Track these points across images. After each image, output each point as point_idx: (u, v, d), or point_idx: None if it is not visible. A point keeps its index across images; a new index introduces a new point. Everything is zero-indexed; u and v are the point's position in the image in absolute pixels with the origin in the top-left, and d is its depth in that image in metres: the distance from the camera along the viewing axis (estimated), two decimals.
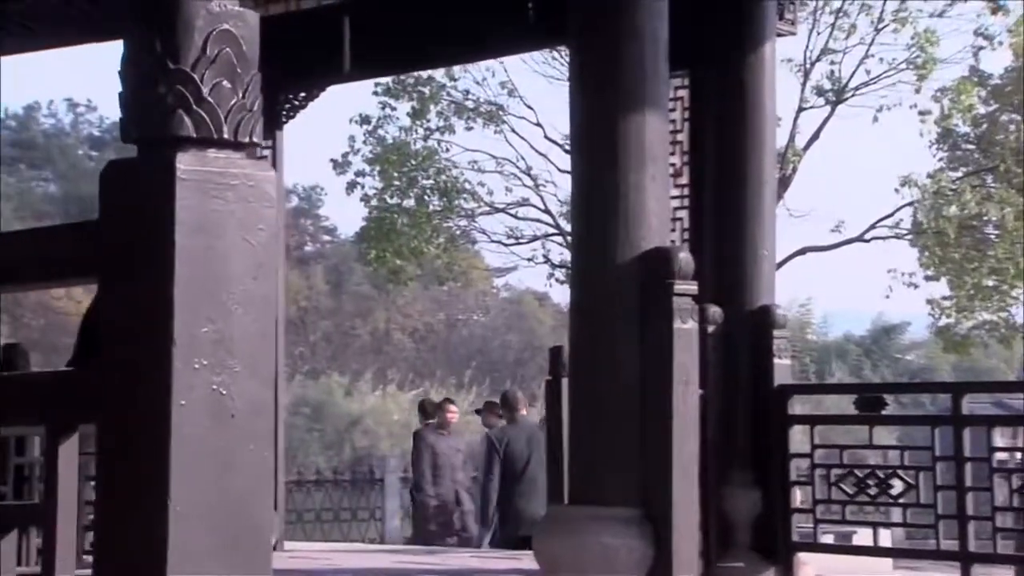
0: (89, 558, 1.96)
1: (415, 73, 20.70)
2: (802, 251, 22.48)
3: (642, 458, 6.44)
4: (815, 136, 22.06)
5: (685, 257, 6.55)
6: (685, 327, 6.45)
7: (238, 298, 1.93)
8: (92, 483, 2.04)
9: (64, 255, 2.01)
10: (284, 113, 10.42)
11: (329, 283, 45.60)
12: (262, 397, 1.95)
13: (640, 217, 6.44)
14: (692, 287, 6.58)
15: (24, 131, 55.83)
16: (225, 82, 1.96)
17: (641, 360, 6.44)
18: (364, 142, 21.91)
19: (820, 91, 21.81)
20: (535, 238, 22.55)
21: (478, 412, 16.55)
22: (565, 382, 7.55)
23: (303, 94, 10.39)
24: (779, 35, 9.18)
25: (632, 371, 6.46)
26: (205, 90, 1.93)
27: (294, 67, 10.14)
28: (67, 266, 2.02)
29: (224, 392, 1.91)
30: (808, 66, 21.70)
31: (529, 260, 22.82)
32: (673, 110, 8.53)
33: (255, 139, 2.00)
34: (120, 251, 1.91)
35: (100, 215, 1.94)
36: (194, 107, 1.93)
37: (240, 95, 1.98)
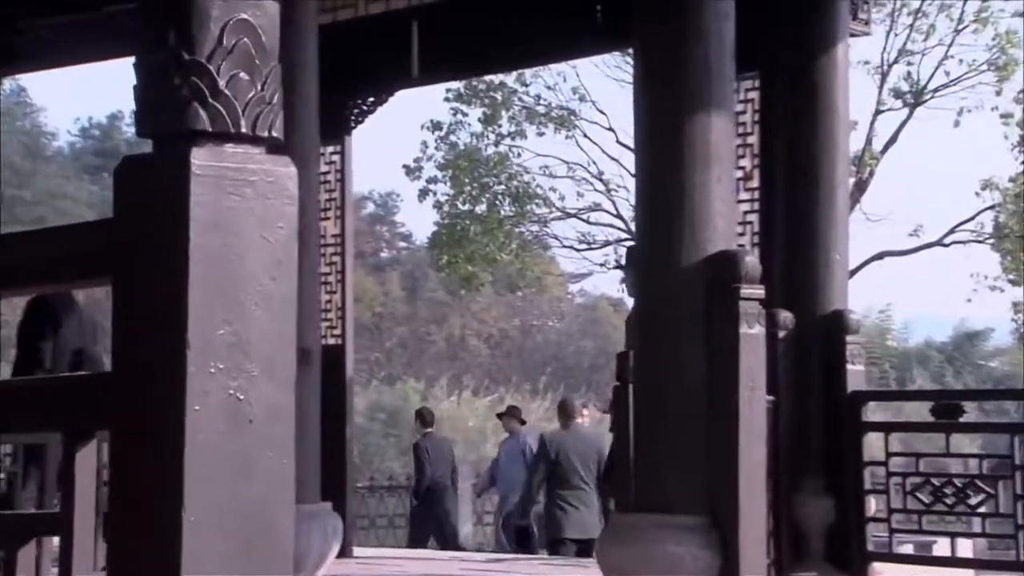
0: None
1: (486, 79, 20.70)
2: (879, 256, 22.20)
3: (708, 465, 6.32)
4: (892, 139, 21.78)
5: (751, 261, 6.42)
6: (751, 332, 6.32)
7: (255, 298, 1.85)
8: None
9: (78, 254, 1.94)
10: (352, 118, 10.39)
11: (405, 289, 45.72)
12: (281, 401, 1.87)
13: (705, 219, 6.32)
14: (759, 291, 6.45)
15: (108, 140, 56.50)
16: (243, 74, 1.88)
17: (707, 365, 6.33)
18: (436, 148, 21.93)
19: (898, 93, 21.52)
20: (607, 243, 22.43)
21: (499, 416, 16.73)
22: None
23: (371, 99, 10.37)
24: (852, 35, 9.02)
25: (697, 376, 6.35)
26: (221, 82, 1.85)
27: (362, 72, 10.13)
28: (81, 266, 1.95)
29: (241, 397, 1.83)
30: (885, 68, 21.41)
31: (602, 265, 22.73)
32: (743, 112, 8.42)
33: (274, 133, 1.91)
34: (133, 250, 1.83)
35: (114, 213, 1.87)
36: (210, 100, 1.85)
37: (259, 87, 1.90)
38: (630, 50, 12.64)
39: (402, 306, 45.11)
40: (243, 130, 1.87)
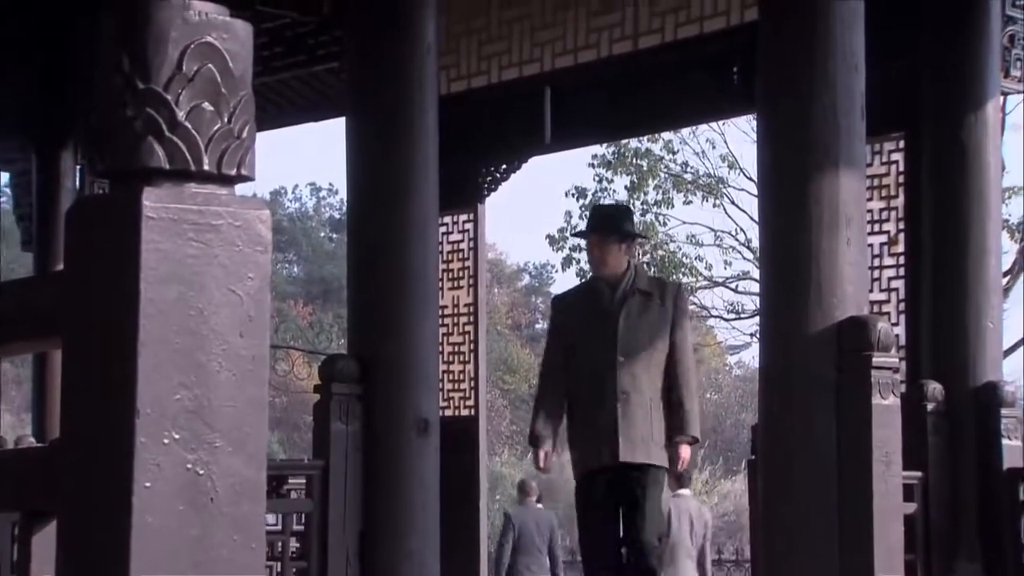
0: None
1: (632, 145, 20.50)
2: None
3: (840, 545, 5.95)
4: None
5: (884, 327, 6.06)
6: (885, 403, 5.96)
7: (220, 359, 1.61)
8: None
9: (31, 311, 1.73)
10: (485, 185, 10.26)
11: None
12: (249, 477, 1.63)
13: (833, 283, 5.98)
14: (892, 359, 6.10)
15: (271, 215, 57.71)
16: (206, 104, 1.65)
17: (837, 438, 5.98)
18: (580, 217, 21.74)
19: None
20: (758, 312, 21.94)
21: None
22: None
23: (504, 166, 10.22)
24: (1004, 93, 8.64)
25: (827, 449, 6.00)
26: (180, 114, 1.63)
27: (494, 139, 10.01)
28: (33, 324, 1.74)
29: (201, 472, 1.59)
30: None
31: (752, 335, 22.23)
32: (887, 175, 8.10)
33: (244, 171, 1.68)
34: (80, 304, 1.62)
35: (64, 262, 1.66)
36: (167, 133, 1.62)
37: (225, 119, 1.67)
38: None
39: None
40: (206, 167, 1.64)
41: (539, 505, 14.57)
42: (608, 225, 7.24)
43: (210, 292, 1.63)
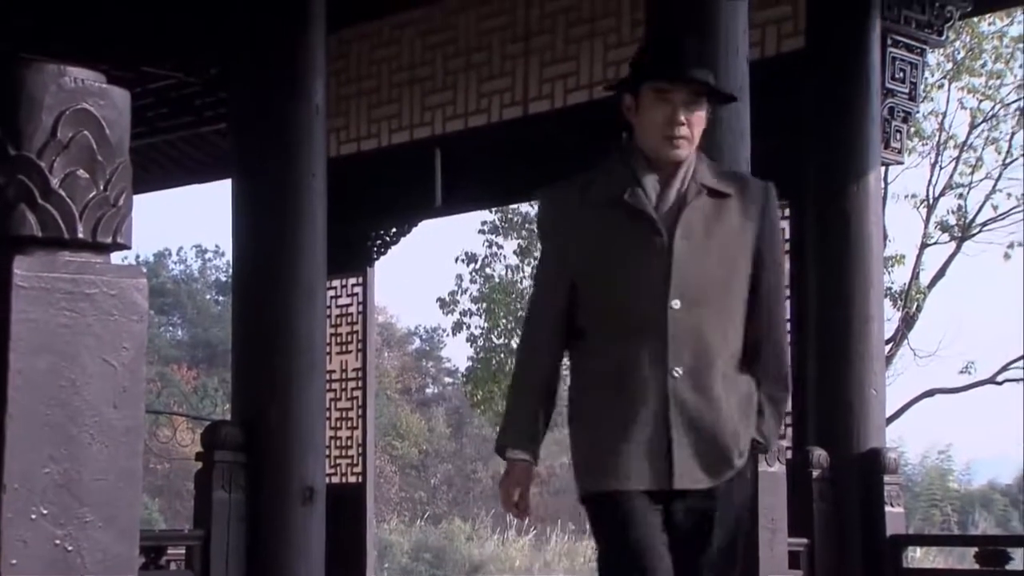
0: None
1: (522, 210, 20.59)
2: (930, 393, 21.68)
3: None
4: (940, 273, 21.39)
5: None
6: (771, 470, 6.00)
7: (92, 431, 1.58)
8: None
9: None
10: (375, 249, 10.22)
11: (450, 426, 45.35)
12: (120, 552, 1.58)
13: None
14: None
15: (154, 278, 56.93)
16: (81, 171, 1.62)
17: None
18: (471, 280, 21.75)
19: (944, 227, 21.18)
20: None
21: None
22: None
23: (394, 230, 10.20)
24: (885, 164, 8.80)
25: None
26: (54, 181, 1.60)
27: (385, 202, 9.98)
28: None
29: (70, 548, 1.55)
30: (931, 201, 21.11)
31: None
32: None
33: (120, 240, 1.65)
34: None
35: None
36: (40, 201, 1.59)
37: (101, 187, 1.64)
38: None
39: (447, 443, 44.70)
40: (80, 235, 1.61)
41: None
42: (708, 74, 4.07)
43: (83, 362, 1.59)
